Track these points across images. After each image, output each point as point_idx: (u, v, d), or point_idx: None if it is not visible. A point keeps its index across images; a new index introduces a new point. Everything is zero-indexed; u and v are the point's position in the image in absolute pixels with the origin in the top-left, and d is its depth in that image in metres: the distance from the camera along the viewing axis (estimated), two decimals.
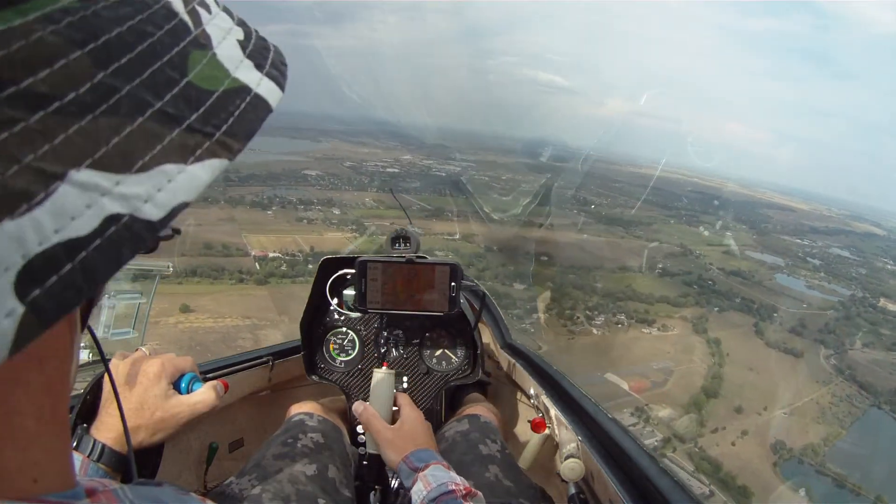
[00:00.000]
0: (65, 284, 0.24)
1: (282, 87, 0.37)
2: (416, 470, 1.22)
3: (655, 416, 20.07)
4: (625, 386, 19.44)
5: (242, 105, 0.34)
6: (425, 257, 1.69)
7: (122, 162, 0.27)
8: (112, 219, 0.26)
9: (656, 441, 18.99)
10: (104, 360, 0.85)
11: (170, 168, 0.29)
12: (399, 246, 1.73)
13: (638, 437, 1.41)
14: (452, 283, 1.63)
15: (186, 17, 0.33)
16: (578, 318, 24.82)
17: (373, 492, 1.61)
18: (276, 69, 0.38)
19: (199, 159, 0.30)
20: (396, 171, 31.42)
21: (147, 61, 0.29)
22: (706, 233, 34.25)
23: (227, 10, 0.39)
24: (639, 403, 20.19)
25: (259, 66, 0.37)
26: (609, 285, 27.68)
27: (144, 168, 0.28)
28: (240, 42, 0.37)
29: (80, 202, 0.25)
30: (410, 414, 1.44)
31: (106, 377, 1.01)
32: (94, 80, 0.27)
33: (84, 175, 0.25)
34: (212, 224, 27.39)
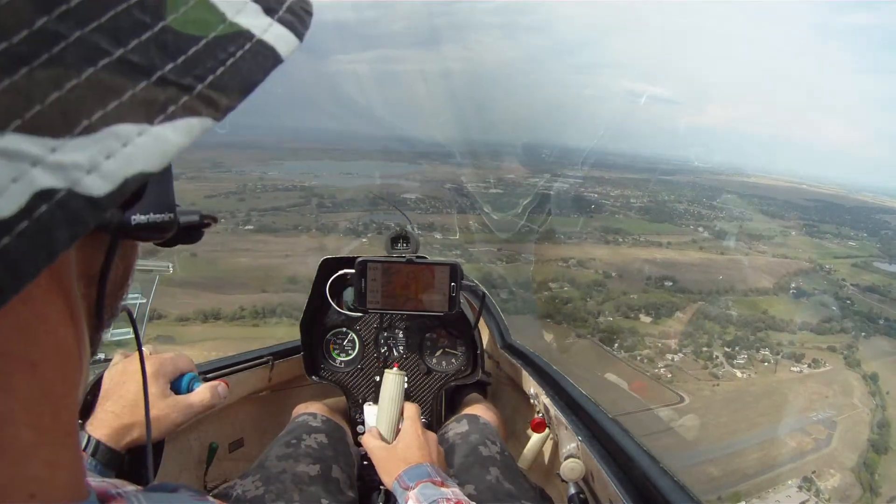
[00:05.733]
0: None
1: (299, 35, 0.31)
2: (408, 488, 1.21)
3: (826, 487, 16.72)
4: (624, 386, 17.18)
5: (239, 53, 0.27)
6: (425, 257, 1.72)
7: (62, 123, 0.21)
8: (43, 195, 0.20)
9: None
10: (140, 348, 0.86)
11: (126, 129, 0.23)
12: (399, 246, 1.74)
13: (638, 436, 1.38)
14: (452, 284, 1.64)
15: None
16: (717, 357, 20.59)
17: (376, 492, 1.57)
18: (292, 14, 0.31)
19: (170, 118, 0.24)
20: (500, 191, 28.53)
21: (107, 2, 0.23)
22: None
23: None
24: (805, 472, 16.99)
25: (269, 11, 0.30)
26: (743, 312, 23.42)
27: (90, 130, 0.22)
28: None
29: (3, 175, 0.20)
30: (408, 429, 1.38)
31: (141, 373, 0.93)
32: (34, 27, 0.21)
33: (9, 140, 0.20)
34: (300, 255, 25.40)
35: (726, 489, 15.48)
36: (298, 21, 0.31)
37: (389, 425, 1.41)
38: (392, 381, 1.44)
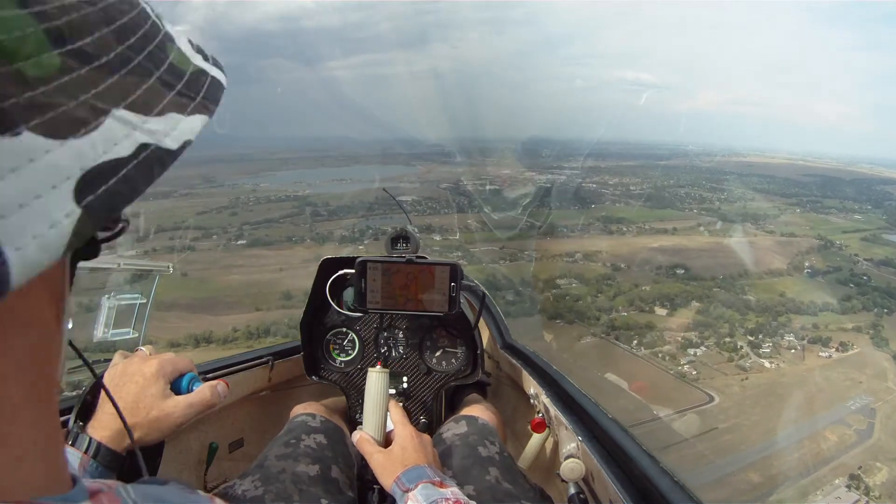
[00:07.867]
0: (111, 192, 0.30)
1: (224, 73, 0.46)
2: (407, 490, 1.20)
3: (874, 483, 15.50)
4: (624, 386, 16.45)
5: (207, 81, 0.42)
6: (425, 257, 1.69)
7: (145, 107, 0.34)
8: (143, 146, 0.33)
9: None
10: (92, 368, 0.93)
11: (176, 116, 0.37)
12: (399, 246, 1.72)
13: (637, 436, 1.37)
14: (452, 284, 1.61)
15: (156, 20, 0.41)
16: (742, 347, 19.19)
17: (371, 491, 1.56)
18: (215, 62, 0.46)
19: (191, 113, 0.38)
20: (496, 187, 27.43)
21: (146, 43, 0.37)
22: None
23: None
24: (851, 468, 15.70)
25: (205, 59, 0.45)
26: (761, 296, 22.08)
27: (160, 113, 0.35)
28: (189, 42, 0.45)
29: (120, 132, 0.32)
30: (401, 432, 1.39)
31: (105, 376, 1.06)
32: (118, 51, 0.34)
33: (122, 113, 0.32)
34: (295, 268, 24.51)
35: (768, 497, 14.54)
36: (219, 66, 0.46)
37: (376, 424, 1.42)
38: (374, 380, 1.45)
